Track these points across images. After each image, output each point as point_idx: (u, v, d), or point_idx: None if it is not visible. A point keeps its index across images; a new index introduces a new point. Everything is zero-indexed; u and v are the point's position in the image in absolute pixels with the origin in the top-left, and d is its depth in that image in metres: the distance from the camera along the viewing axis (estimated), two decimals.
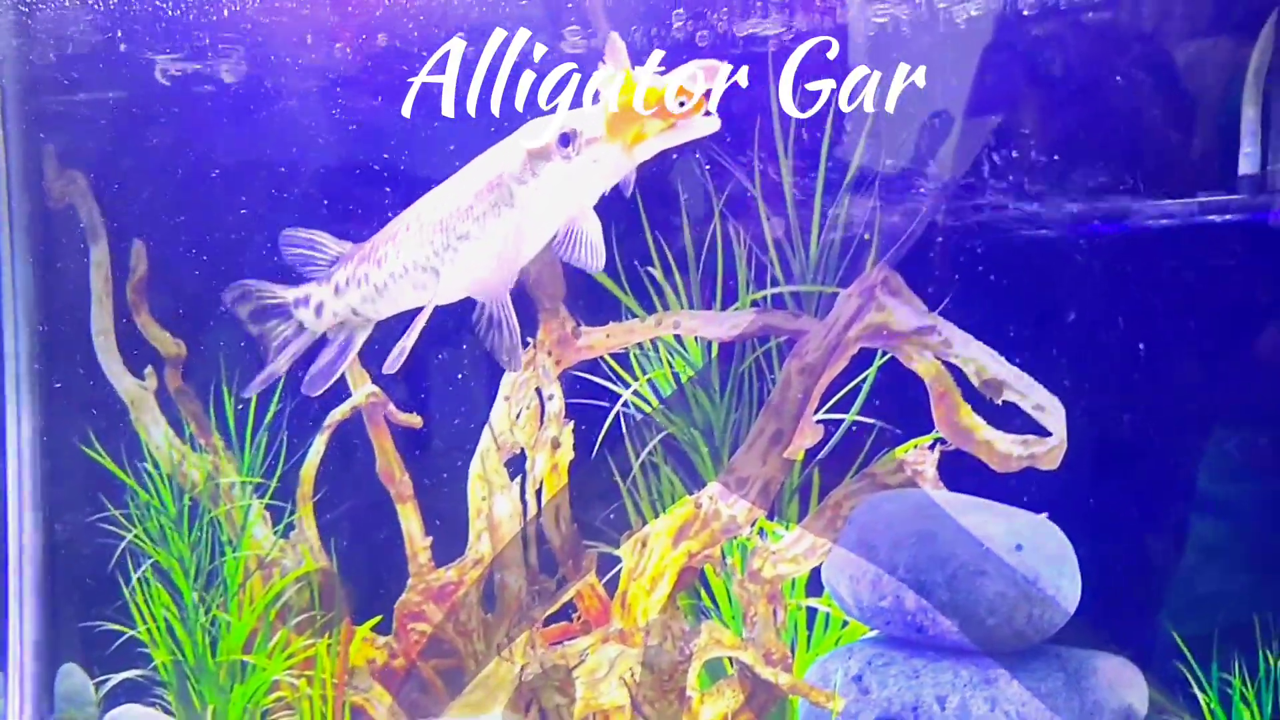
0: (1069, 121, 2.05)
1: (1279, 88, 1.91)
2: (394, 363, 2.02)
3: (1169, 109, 2.00)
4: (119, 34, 2.48)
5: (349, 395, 2.48)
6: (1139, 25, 1.41)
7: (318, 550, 2.58)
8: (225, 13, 2.41)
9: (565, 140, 1.80)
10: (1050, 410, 1.97)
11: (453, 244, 1.98)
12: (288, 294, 2.25)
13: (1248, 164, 1.92)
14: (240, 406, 2.59)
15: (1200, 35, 1.98)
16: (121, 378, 2.71)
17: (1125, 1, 1.99)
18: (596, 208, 1.92)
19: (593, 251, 1.95)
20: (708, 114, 1.65)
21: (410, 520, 2.50)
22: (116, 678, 2.68)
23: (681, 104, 1.60)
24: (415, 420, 2.51)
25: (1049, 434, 1.98)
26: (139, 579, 2.61)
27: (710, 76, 1.62)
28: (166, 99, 2.52)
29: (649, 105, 1.62)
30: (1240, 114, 1.91)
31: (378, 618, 2.50)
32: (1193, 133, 2.01)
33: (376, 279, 2.11)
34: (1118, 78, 1.99)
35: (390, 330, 2.16)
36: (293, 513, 2.58)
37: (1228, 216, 1.91)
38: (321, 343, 2.25)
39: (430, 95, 2.33)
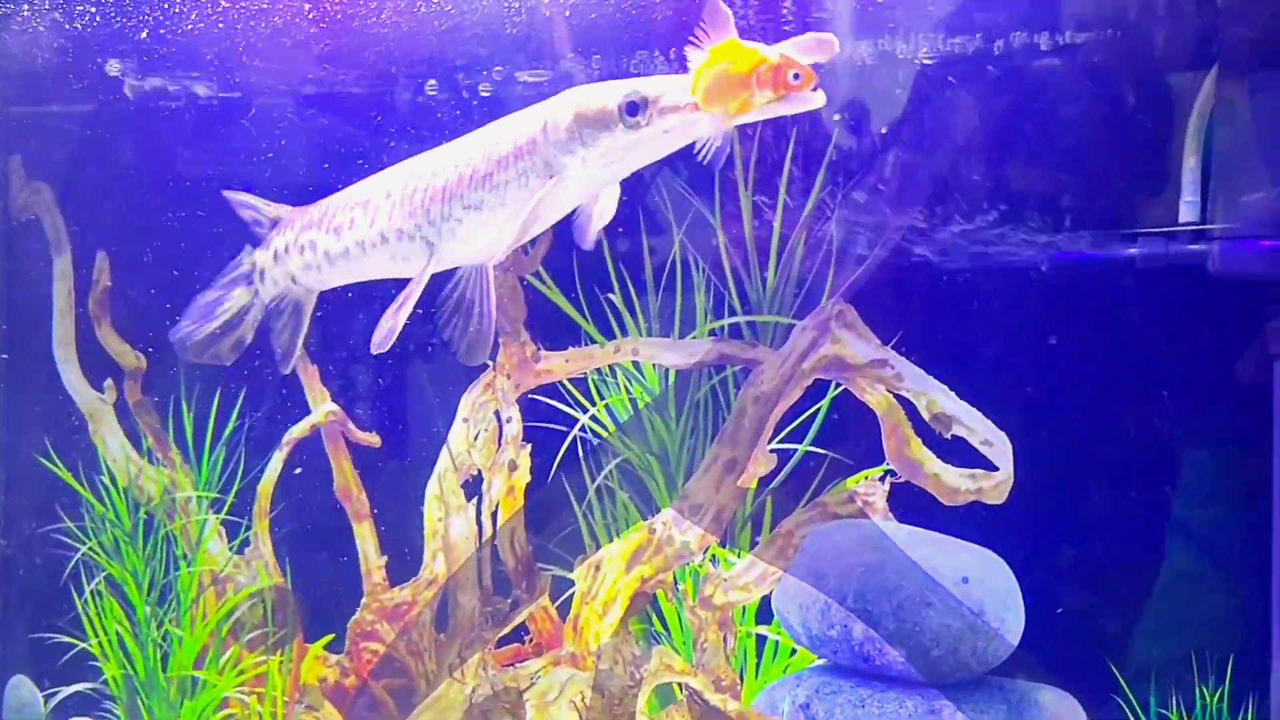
0: (1018, 165, 2.04)
1: (1218, 138, 1.91)
2: (384, 341, 1.80)
3: (1114, 156, 2.00)
4: (86, 48, 2.41)
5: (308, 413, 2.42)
6: (1087, 74, 1.39)
7: (272, 566, 2.50)
8: (193, 29, 2.35)
9: (634, 109, 1.61)
10: (998, 445, 1.95)
11: (457, 214, 1.78)
12: (246, 260, 2.08)
13: (1188, 211, 1.92)
14: (198, 421, 2.52)
15: (1145, 86, 1.98)
16: (81, 390, 2.63)
17: (1073, 51, 1.99)
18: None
19: (599, 224, 1.80)
20: (815, 89, 1.50)
21: (366, 539, 2.43)
22: (66, 691, 2.59)
23: (795, 77, 1.47)
24: (374, 439, 2.45)
25: (997, 469, 1.95)
26: (92, 592, 2.53)
27: (826, 50, 1.48)
28: (133, 113, 2.45)
29: (762, 75, 1.48)
30: (1182, 163, 1.91)
31: (330, 636, 2.43)
32: (1136, 180, 2.00)
33: (330, 247, 1.93)
34: (1065, 125, 1.99)
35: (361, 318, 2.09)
36: (249, 528, 2.51)
37: (1169, 261, 1.91)
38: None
39: (393, 113, 2.29)
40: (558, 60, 2.23)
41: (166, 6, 2.35)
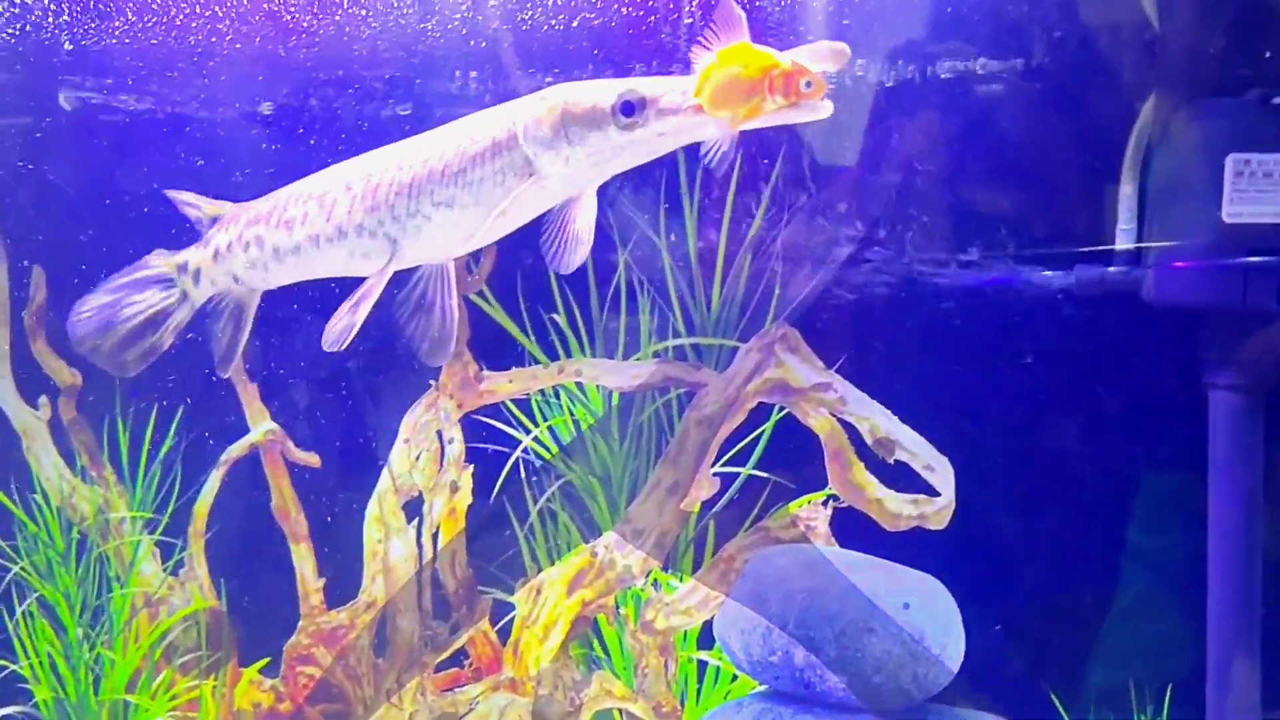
0: (959, 191, 2.03)
1: (1154, 167, 1.91)
2: (339, 340, 1.69)
3: (1053, 183, 2.00)
4: (21, 61, 2.35)
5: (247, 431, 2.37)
6: (1027, 101, 1.38)
7: (207, 589, 2.44)
8: (130, 42, 2.30)
9: (630, 109, 1.53)
10: (939, 471, 1.93)
11: (425, 211, 1.68)
12: (172, 260, 1.94)
13: (1124, 239, 1.92)
14: (134, 440, 2.46)
15: (1083, 114, 1.98)
16: (15, 407, 2.54)
17: (1012, 79, 1.99)
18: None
19: (577, 241, 1.68)
20: (825, 98, 1.43)
21: (303, 560, 2.37)
22: None
23: (808, 84, 1.41)
24: (313, 459, 2.39)
25: (938, 494, 1.93)
26: (23, 613, 2.44)
27: (840, 59, 1.43)
28: (70, 126, 2.39)
29: (775, 81, 1.41)
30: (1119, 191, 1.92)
31: (265, 659, 2.37)
32: (1074, 208, 2.00)
33: (280, 243, 1.80)
34: (1006, 152, 1.98)
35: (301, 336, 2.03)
36: (183, 549, 2.44)
37: (1105, 289, 1.90)
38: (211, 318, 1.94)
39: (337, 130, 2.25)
40: (511, 79, 2.20)
41: (103, 20, 2.30)
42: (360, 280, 1.74)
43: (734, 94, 1.43)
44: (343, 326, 1.69)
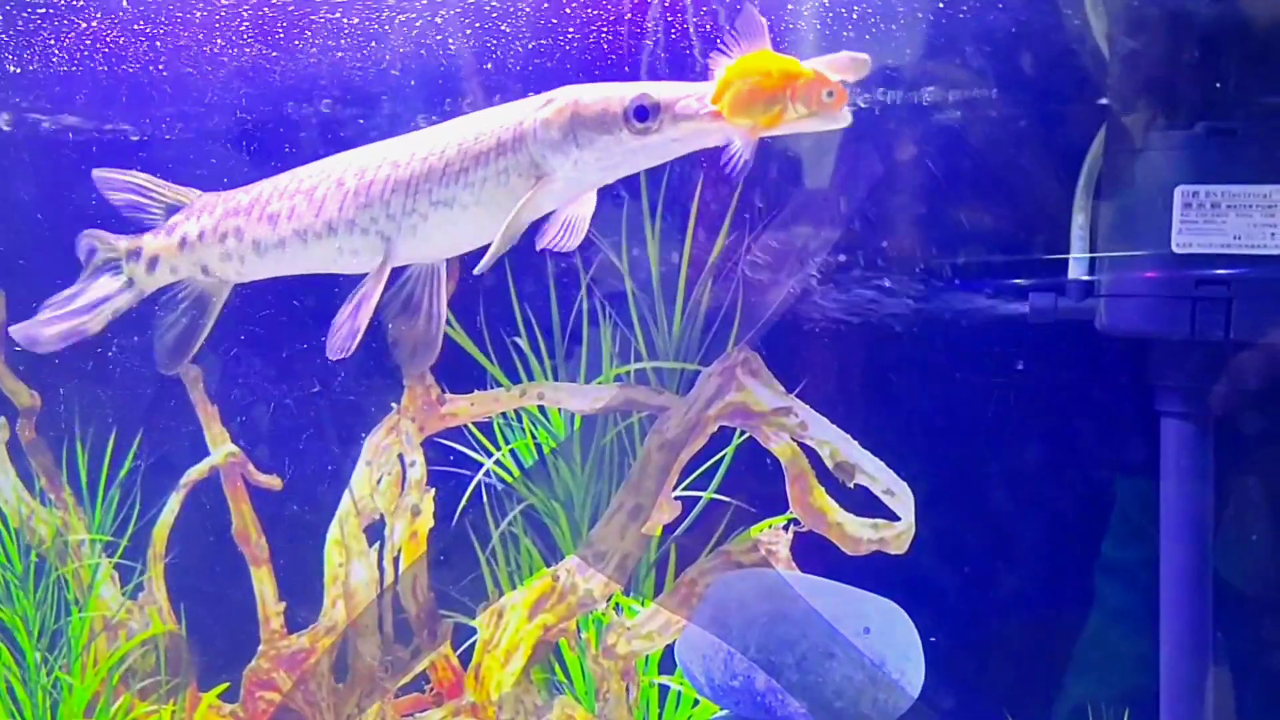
0: (917, 218, 2.03)
1: (1106, 197, 1.92)
2: (342, 346, 1.62)
3: (1008, 213, 2.00)
4: None
5: (207, 454, 2.33)
6: (984, 131, 1.38)
7: (166, 612, 2.39)
8: (78, 62, 2.25)
9: (643, 113, 1.47)
10: (899, 495, 1.92)
11: (422, 209, 1.61)
12: (120, 244, 1.84)
13: (1077, 268, 1.92)
14: (93, 462, 2.41)
15: (1037, 143, 1.98)
16: None
17: (968, 108, 1.99)
18: None
19: (575, 232, 1.64)
20: (844, 109, 1.39)
21: (264, 584, 2.33)
22: None
23: (829, 94, 1.36)
24: (274, 482, 2.35)
25: (898, 518, 1.92)
26: None
27: (861, 69, 1.38)
28: (26, 147, 2.34)
29: (798, 90, 1.36)
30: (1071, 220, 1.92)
31: (225, 685, 2.32)
32: (1029, 237, 2.00)
33: (261, 236, 1.72)
34: (962, 180, 1.98)
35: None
36: (143, 573, 2.39)
37: (1058, 317, 1.90)
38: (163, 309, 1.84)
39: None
40: (465, 99, 2.17)
41: (54, 40, 2.26)
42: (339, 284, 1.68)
43: (755, 102, 1.39)
44: (346, 332, 1.62)
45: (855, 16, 1.93)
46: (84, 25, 2.24)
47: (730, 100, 1.40)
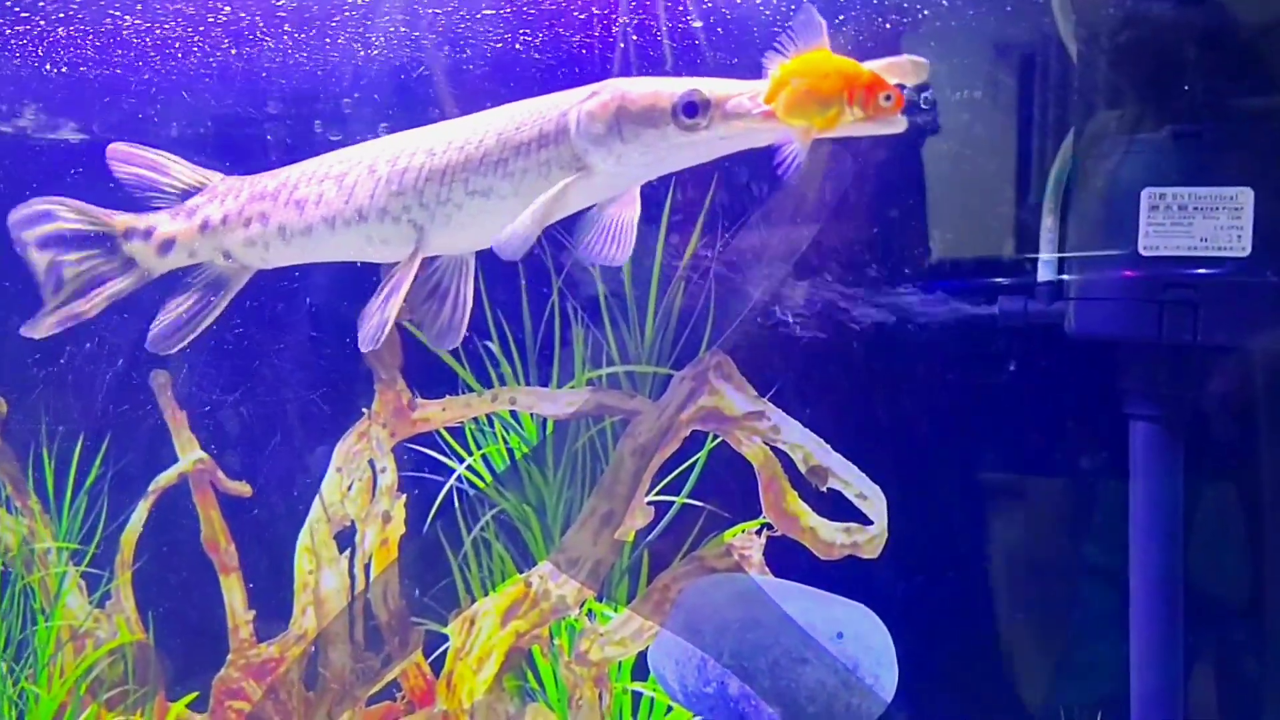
0: (888, 222, 2.00)
1: (1074, 201, 1.89)
2: (373, 336, 1.55)
3: (978, 217, 1.97)
4: None
5: (175, 460, 2.26)
6: (954, 136, 1.35)
7: (134, 621, 2.32)
8: (51, 71, 2.19)
9: (693, 109, 1.40)
10: (872, 499, 1.88)
11: (457, 199, 1.55)
12: (116, 220, 1.74)
13: (1045, 271, 1.90)
14: (59, 469, 2.33)
15: (1006, 149, 1.96)
16: None
17: (939, 112, 1.96)
18: None
19: (623, 241, 1.58)
20: (900, 114, 1.34)
21: (233, 592, 2.26)
22: None
23: (887, 98, 1.31)
24: (244, 488, 2.28)
25: (871, 522, 1.89)
26: None
27: (920, 74, 1.33)
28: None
29: (856, 93, 1.32)
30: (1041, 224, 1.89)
31: (194, 694, 2.26)
32: (1000, 240, 1.98)
33: (288, 222, 1.66)
34: (934, 185, 1.95)
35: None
36: (110, 581, 2.32)
37: (1028, 320, 1.88)
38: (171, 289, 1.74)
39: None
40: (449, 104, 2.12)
41: (24, 47, 2.19)
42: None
43: (812, 104, 1.33)
44: (375, 323, 1.55)
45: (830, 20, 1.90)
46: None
47: (786, 101, 1.34)
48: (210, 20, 2.14)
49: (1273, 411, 1.84)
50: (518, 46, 2.04)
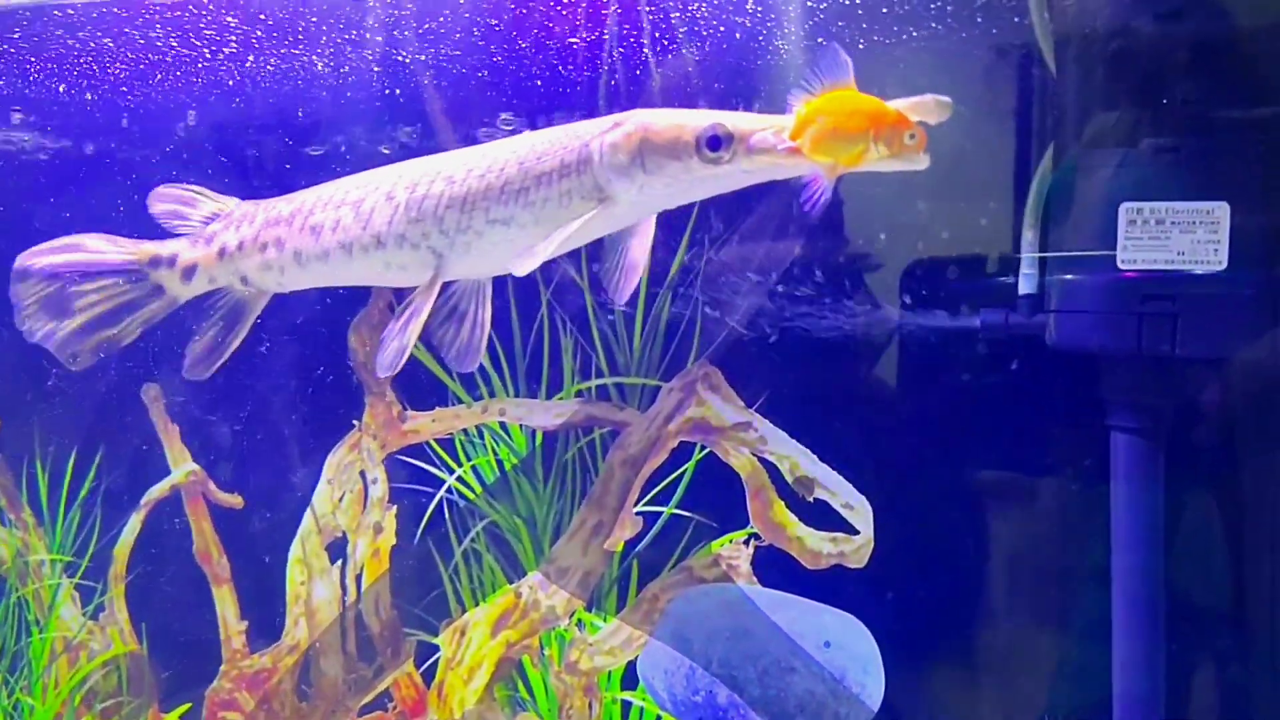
0: (874, 234, 2.01)
1: (1054, 214, 1.91)
2: (392, 363, 1.59)
3: (961, 230, 1.98)
4: None
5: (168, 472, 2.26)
6: (932, 148, 1.36)
7: (128, 633, 2.32)
8: (37, 79, 2.19)
9: (716, 143, 1.43)
10: (858, 509, 1.89)
11: (477, 226, 1.57)
12: (142, 250, 1.81)
13: (1026, 284, 1.91)
14: (53, 481, 2.34)
15: (986, 160, 1.97)
16: None
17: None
18: None
19: (629, 279, 1.63)
20: (924, 152, 1.37)
21: (225, 604, 2.27)
22: None
23: (911, 137, 1.34)
24: (236, 500, 2.29)
25: (858, 532, 1.90)
26: None
27: (944, 112, 1.36)
28: None
29: (881, 131, 1.34)
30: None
31: (187, 705, 2.26)
32: (980, 252, 1.99)
33: (304, 247, 1.68)
34: (918, 196, 1.96)
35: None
36: (104, 593, 2.32)
37: (1010, 332, 1.89)
38: (197, 317, 1.81)
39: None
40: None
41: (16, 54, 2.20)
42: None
43: (838, 141, 1.35)
44: (395, 349, 1.58)
45: (808, 28, 1.92)
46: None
47: (812, 137, 1.36)
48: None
49: (1252, 420, 1.85)
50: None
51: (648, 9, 1.96)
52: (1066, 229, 1.87)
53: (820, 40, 1.88)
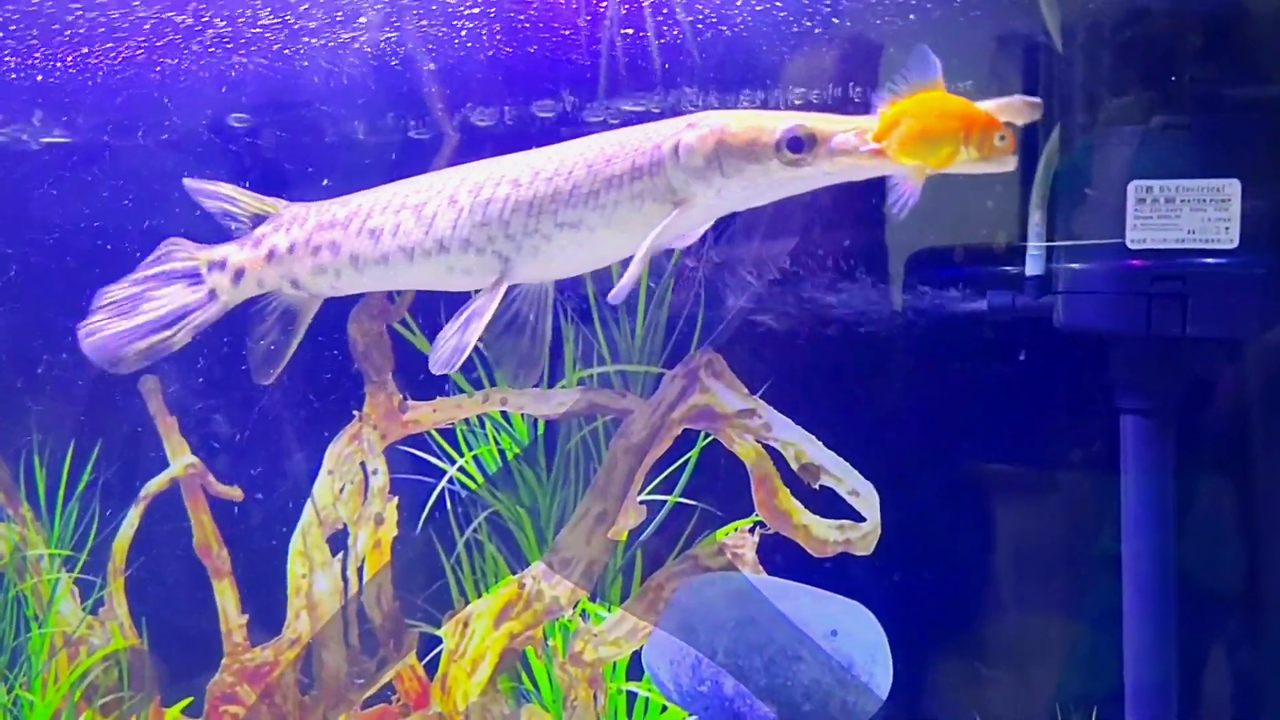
0: (878, 217, 1.98)
1: (1061, 194, 1.88)
2: (449, 362, 1.55)
3: (967, 211, 1.96)
4: None
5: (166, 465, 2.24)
6: None
7: (127, 627, 2.30)
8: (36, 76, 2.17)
9: (798, 145, 1.39)
10: (865, 496, 1.86)
11: (545, 230, 1.54)
12: (201, 255, 1.78)
13: (1034, 265, 1.88)
14: (51, 475, 2.32)
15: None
16: None
17: None
18: None
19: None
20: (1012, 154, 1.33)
21: (226, 597, 2.24)
22: None
23: (1001, 139, 1.31)
24: (235, 493, 2.26)
25: (864, 519, 1.87)
26: None
27: (1033, 113, 1.33)
28: None
29: (972, 134, 1.32)
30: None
31: (189, 699, 2.23)
32: (987, 234, 1.97)
33: (361, 251, 1.65)
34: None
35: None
36: (103, 587, 2.30)
37: (1017, 314, 1.86)
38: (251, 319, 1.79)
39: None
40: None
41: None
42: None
43: (927, 144, 1.33)
44: (452, 348, 1.54)
45: (809, 13, 1.89)
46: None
47: (900, 139, 1.34)
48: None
49: (1264, 402, 1.83)
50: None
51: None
52: (1074, 209, 1.85)
53: (811, 23, 1.85)
